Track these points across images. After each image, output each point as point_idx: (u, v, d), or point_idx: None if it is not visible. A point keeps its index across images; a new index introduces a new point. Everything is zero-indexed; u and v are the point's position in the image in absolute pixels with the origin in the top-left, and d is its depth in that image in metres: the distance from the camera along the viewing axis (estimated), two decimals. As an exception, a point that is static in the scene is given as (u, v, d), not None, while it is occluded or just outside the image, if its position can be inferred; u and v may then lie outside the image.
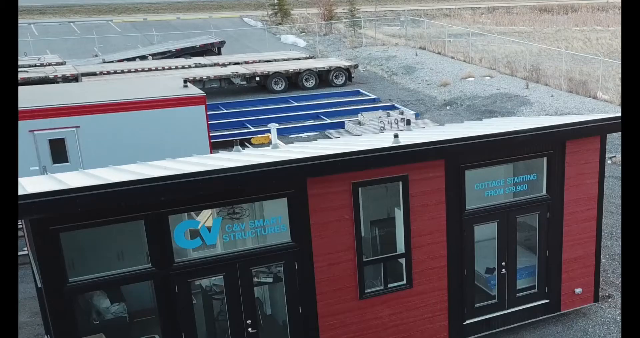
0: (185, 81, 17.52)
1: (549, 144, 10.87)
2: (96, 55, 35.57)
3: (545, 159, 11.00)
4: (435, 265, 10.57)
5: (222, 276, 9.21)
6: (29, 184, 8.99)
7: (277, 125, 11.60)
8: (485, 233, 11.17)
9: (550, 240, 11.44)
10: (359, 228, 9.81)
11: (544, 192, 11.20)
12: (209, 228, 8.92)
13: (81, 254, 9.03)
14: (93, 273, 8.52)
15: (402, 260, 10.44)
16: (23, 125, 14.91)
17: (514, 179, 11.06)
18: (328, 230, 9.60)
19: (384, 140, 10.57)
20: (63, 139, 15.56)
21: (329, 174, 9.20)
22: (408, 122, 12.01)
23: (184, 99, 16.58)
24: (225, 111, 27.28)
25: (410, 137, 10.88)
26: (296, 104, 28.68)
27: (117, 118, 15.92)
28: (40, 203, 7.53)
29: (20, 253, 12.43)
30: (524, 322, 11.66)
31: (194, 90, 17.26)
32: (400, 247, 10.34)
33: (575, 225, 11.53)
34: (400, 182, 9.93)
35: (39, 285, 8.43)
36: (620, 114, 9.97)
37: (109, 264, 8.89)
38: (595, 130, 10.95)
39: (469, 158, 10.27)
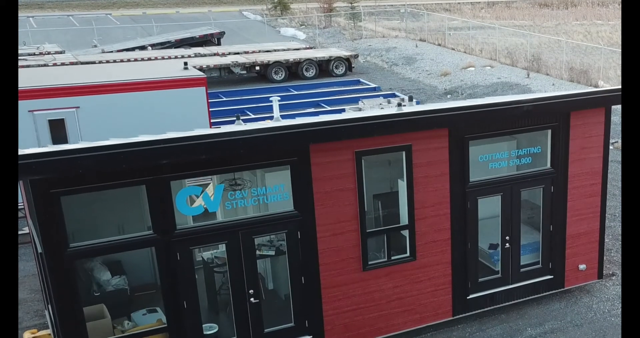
0: (185, 63, 17.40)
1: (553, 116, 10.78)
2: (95, 46, 35.46)
3: (549, 132, 10.90)
4: (438, 238, 10.48)
5: (224, 244, 9.12)
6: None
7: (279, 98, 11.51)
8: (489, 210, 11.08)
9: (554, 215, 11.35)
10: (362, 198, 9.72)
11: (548, 165, 11.11)
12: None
13: (82, 220, 8.93)
14: (94, 239, 8.42)
15: (406, 233, 10.36)
16: (22, 105, 14.76)
17: (517, 152, 10.98)
18: (331, 199, 9.51)
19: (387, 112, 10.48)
20: (63, 119, 15.43)
21: (332, 140, 9.10)
22: (410, 99, 11.92)
23: (184, 80, 16.45)
24: (225, 99, 27.18)
25: (414, 108, 10.78)
26: (296, 93, 28.59)
27: (117, 99, 15.78)
28: (40, 164, 7.44)
29: (20, 232, 12.34)
30: (527, 298, 11.58)
31: (195, 72, 17.15)
32: (404, 218, 10.25)
33: (580, 200, 11.45)
34: (404, 152, 9.84)
35: (40, 250, 8.33)
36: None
37: (110, 230, 8.80)
38: (600, 101, 10.85)
39: (473, 129, 10.17)
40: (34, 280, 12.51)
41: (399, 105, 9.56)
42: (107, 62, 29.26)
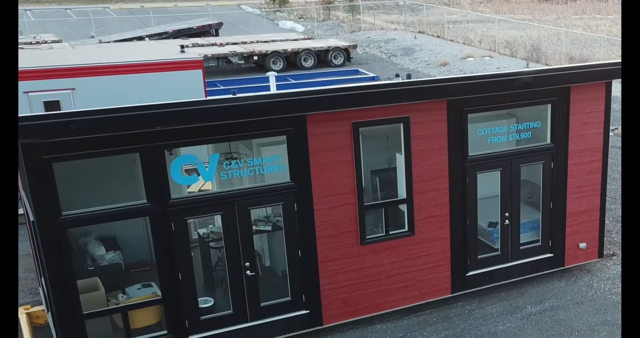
0: (182, 46, 17.28)
1: (554, 91, 10.64)
2: (92, 37, 35.32)
3: (549, 106, 10.77)
4: (437, 213, 10.34)
5: (219, 215, 8.99)
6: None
7: (276, 73, 11.36)
8: (489, 190, 10.95)
9: (554, 192, 11.21)
10: (360, 171, 9.58)
11: (548, 140, 10.97)
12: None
13: (75, 188, 8.80)
14: (87, 207, 8.28)
15: (404, 208, 10.23)
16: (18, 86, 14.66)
17: (517, 126, 10.84)
18: (328, 171, 9.36)
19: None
20: (58, 101, 15.29)
21: (329, 110, 8.95)
22: (409, 76, 11.76)
23: (181, 62, 16.34)
24: (223, 88, 27.00)
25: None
26: (294, 82, 28.41)
27: (113, 81, 15.66)
28: (33, 127, 7.30)
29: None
30: (527, 276, 11.46)
31: (192, 55, 17.02)
32: (402, 192, 10.12)
33: (580, 177, 11.31)
34: (402, 124, 9.71)
35: (32, 218, 8.19)
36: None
37: (104, 199, 8.65)
38: (600, 74, 10.70)
39: (472, 101, 10.03)
40: (29, 259, 12.40)
41: (397, 76, 9.41)
42: (105, 51, 29.11)
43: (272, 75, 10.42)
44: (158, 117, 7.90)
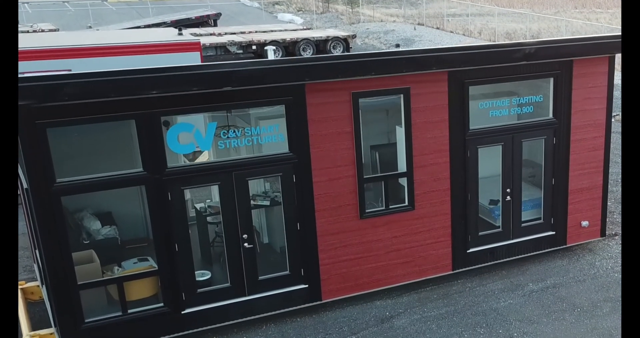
0: (179, 29, 17.12)
1: (556, 64, 10.49)
2: (90, 27, 35.12)
3: (551, 80, 10.62)
4: (438, 188, 10.19)
5: (217, 185, 8.83)
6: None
7: (274, 48, 11.21)
8: (489, 169, 10.81)
9: (556, 169, 11.07)
10: (359, 143, 9.43)
11: (551, 115, 10.82)
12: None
13: (70, 156, 8.64)
14: (82, 175, 8.13)
15: (404, 182, 10.08)
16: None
17: (519, 100, 10.69)
18: (327, 142, 9.21)
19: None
20: (54, 82, 15.13)
21: (328, 78, 8.80)
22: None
23: (178, 44, 16.19)
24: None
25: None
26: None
27: (110, 62, 15.48)
28: (25, 89, 7.13)
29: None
30: (529, 254, 11.32)
31: (189, 37, 16.87)
32: (402, 166, 9.97)
33: (582, 153, 11.16)
34: (402, 95, 9.55)
35: (25, 185, 8.03)
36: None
37: (99, 167, 8.49)
38: (603, 47, 10.55)
39: (473, 73, 9.88)
40: (24, 238, 12.24)
41: (397, 46, 9.25)
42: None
43: (270, 49, 10.26)
44: (154, 81, 7.73)
